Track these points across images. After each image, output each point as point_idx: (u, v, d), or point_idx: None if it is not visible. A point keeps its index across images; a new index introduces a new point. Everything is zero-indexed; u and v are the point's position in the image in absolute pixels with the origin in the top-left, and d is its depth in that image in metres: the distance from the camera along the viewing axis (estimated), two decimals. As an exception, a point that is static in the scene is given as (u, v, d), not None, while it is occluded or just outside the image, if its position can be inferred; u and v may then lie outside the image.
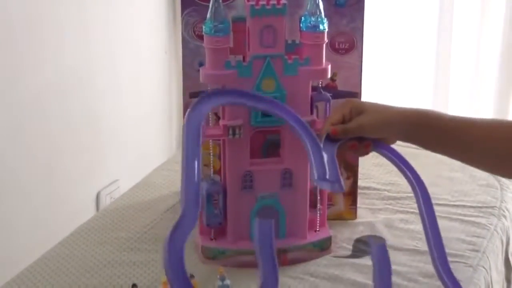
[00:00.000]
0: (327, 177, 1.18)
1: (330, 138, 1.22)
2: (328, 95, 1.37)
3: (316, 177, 1.18)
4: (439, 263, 1.18)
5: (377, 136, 1.24)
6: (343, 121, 1.23)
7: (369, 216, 1.59)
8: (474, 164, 1.26)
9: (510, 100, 3.02)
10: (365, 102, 1.27)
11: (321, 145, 1.21)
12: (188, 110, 1.20)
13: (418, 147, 1.27)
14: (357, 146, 1.23)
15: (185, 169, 1.11)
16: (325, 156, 1.20)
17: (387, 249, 1.12)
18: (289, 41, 1.34)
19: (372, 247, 1.13)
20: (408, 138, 1.23)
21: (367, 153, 1.26)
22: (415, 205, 1.56)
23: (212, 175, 1.42)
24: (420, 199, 1.23)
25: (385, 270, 1.11)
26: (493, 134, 1.19)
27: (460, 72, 3.06)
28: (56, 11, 2.14)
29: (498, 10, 2.94)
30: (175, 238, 1.03)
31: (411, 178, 1.25)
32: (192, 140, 1.16)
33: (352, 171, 1.55)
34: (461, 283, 1.24)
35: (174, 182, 1.67)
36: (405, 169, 1.26)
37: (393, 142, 1.27)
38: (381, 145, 1.26)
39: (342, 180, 1.18)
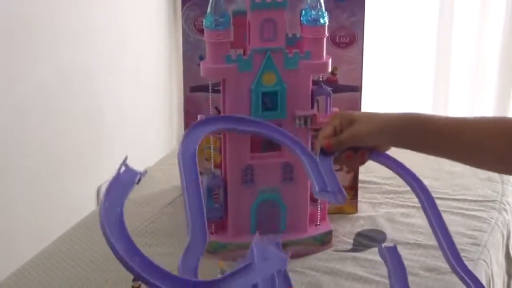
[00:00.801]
0: (328, 189, 1.19)
1: (325, 152, 1.22)
2: (329, 89, 1.37)
3: (317, 190, 1.18)
4: (452, 258, 1.19)
5: (371, 143, 1.24)
6: (335, 134, 1.22)
7: (370, 210, 1.59)
8: (475, 163, 1.23)
9: (510, 100, 3.02)
10: (355, 112, 1.27)
11: (317, 160, 1.22)
12: (183, 136, 1.21)
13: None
14: (352, 156, 1.23)
15: (186, 199, 1.11)
16: (323, 170, 1.21)
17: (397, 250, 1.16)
18: (290, 35, 1.34)
19: (384, 252, 1.15)
20: (403, 143, 1.21)
21: (363, 162, 1.27)
22: (416, 199, 1.57)
23: (212, 169, 1.42)
24: (423, 200, 1.24)
25: (400, 270, 1.15)
26: (491, 131, 1.18)
27: (461, 68, 3.06)
28: (56, 6, 2.14)
29: (499, 8, 2.94)
30: (185, 266, 1.02)
31: (411, 181, 1.26)
32: (188, 168, 1.15)
33: (353, 165, 1.54)
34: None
35: (174, 176, 1.66)
36: (403, 174, 1.27)
37: (388, 149, 1.27)
38: (377, 152, 1.26)
39: (343, 190, 1.20)
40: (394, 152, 1.27)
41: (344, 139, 1.21)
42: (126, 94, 2.50)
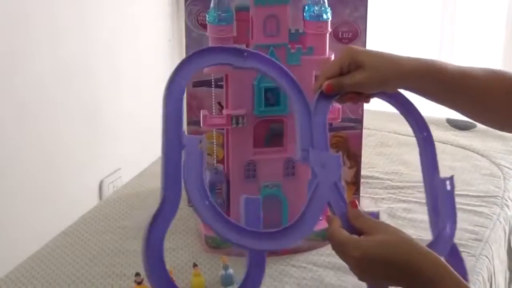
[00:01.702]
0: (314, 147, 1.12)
1: (324, 95, 1.15)
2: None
3: (300, 149, 1.12)
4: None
5: (375, 91, 1.18)
6: (341, 73, 1.14)
7: (372, 205, 1.59)
8: (479, 118, 1.22)
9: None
10: (365, 54, 1.16)
11: (314, 103, 1.15)
12: (168, 80, 1.14)
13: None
14: (356, 99, 1.18)
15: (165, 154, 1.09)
16: (315, 121, 1.13)
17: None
18: (293, 30, 1.34)
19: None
20: (409, 90, 1.18)
21: (367, 102, 1.22)
22: (418, 195, 1.57)
23: (215, 164, 1.42)
24: (423, 153, 1.21)
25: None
26: (494, 88, 1.16)
27: (463, 63, 3.06)
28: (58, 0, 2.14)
29: (501, 3, 2.93)
30: (154, 229, 1.03)
31: (415, 124, 1.22)
32: (173, 119, 1.12)
33: (355, 160, 1.55)
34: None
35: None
36: (408, 114, 1.23)
37: (394, 91, 1.21)
38: (383, 93, 1.20)
39: (330, 151, 1.13)
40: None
41: (346, 85, 1.14)
42: (127, 89, 2.50)
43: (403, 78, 1.15)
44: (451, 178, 1.15)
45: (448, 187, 1.15)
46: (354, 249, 0.99)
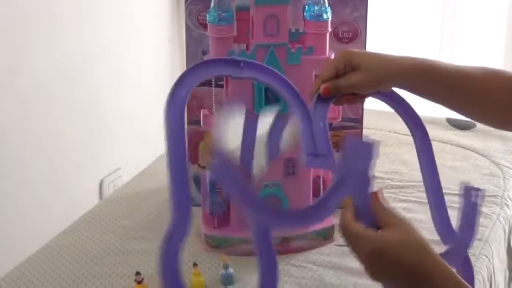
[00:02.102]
0: (318, 152, 1.11)
1: (322, 98, 1.15)
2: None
3: (306, 154, 1.11)
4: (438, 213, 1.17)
5: (370, 92, 1.19)
6: (337, 75, 1.15)
7: (372, 205, 1.59)
8: (478, 117, 1.23)
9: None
10: (360, 56, 1.16)
11: (313, 107, 1.15)
12: (168, 96, 1.11)
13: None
14: (352, 100, 1.18)
15: (171, 171, 1.06)
16: (314, 120, 1.14)
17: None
18: (293, 30, 1.34)
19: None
20: (404, 88, 1.18)
21: (363, 102, 1.24)
22: (418, 194, 1.57)
23: (215, 164, 1.41)
24: (421, 150, 1.21)
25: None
26: (492, 85, 1.16)
27: (464, 62, 3.06)
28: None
29: (502, 3, 2.94)
30: (168, 251, 1.03)
31: (410, 122, 1.22)
32: (176, 132, 1.10)
33: (355, 160, 1.54)
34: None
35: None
36: (407, 118, 1.23)
37: (388, 90, 1.22)
38: (378, 93, 1.21)
39: (333, 154, 1.12)
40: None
41: (342, 87, 1.15)
42: (127, 89, 2.50)
43: (399, 77, 1.16)
44: (478, 190, 1.13)
45: (475, 199, 1.13)
46: (367, 243, 0.95)
